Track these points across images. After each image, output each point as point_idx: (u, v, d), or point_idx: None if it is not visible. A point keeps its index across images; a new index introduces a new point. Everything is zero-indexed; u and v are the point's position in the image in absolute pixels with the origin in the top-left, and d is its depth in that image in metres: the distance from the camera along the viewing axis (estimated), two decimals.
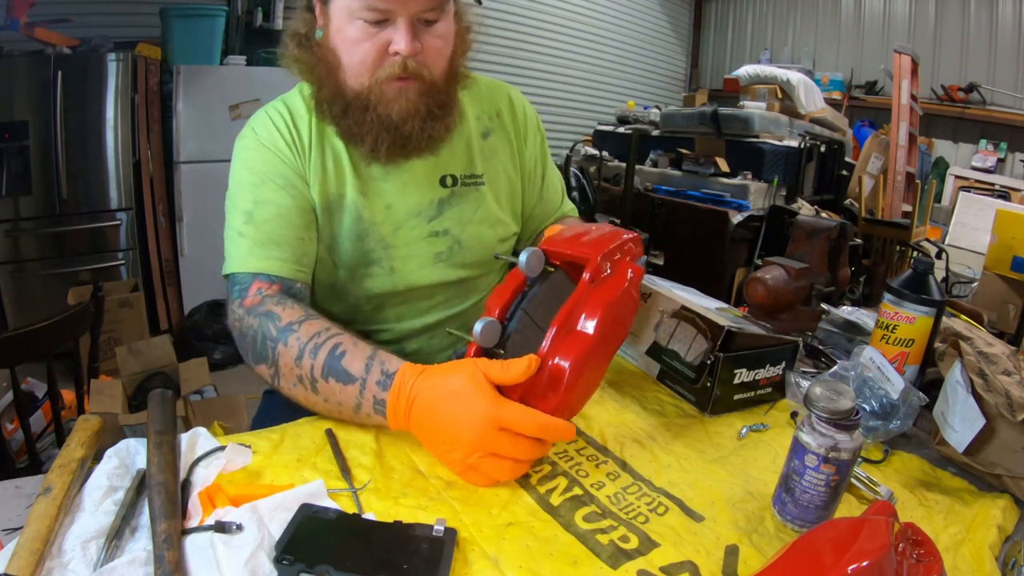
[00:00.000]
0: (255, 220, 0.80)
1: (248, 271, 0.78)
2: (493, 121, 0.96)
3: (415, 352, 0.96)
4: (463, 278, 0.94)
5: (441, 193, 0.90)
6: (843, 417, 0.62)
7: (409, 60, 0.76)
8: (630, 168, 3.07)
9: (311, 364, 0.68)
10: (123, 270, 2.93)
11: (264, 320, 0.73)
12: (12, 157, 2.55)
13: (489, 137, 0.95)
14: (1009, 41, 4.49)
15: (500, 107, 0.97)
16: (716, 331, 0.86)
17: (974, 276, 3.37)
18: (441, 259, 0.91)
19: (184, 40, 2.89)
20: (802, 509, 0.65)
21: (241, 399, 2.00)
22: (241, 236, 0.80)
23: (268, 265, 0.78)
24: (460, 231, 0.91)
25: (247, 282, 0.78)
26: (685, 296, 0.99)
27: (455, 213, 0.90)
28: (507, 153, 0.97)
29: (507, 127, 0.97)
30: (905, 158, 3.89)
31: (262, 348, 0.72)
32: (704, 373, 0.86)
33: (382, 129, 0.79)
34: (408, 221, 0.88)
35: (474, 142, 0.93)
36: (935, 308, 0.88)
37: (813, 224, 1.44)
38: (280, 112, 0.85)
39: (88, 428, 0.63)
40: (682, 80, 6.44)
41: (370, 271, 0.87)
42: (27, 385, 1.78)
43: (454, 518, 0.60)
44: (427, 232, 0.89)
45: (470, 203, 0.92)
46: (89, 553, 0.51)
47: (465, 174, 0.91)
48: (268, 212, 0.80)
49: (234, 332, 0.77)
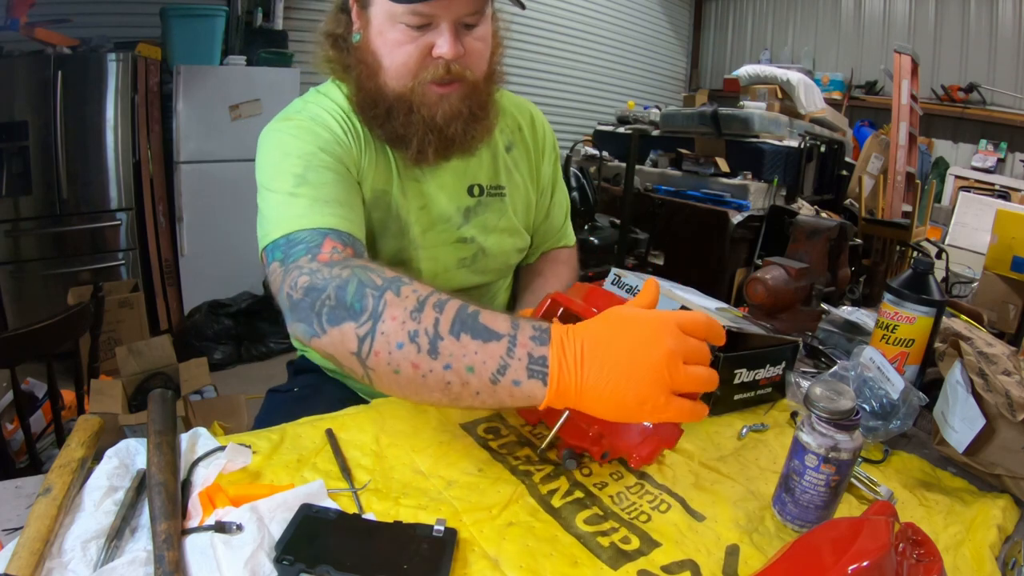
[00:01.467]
0: (310, 182, 0.72)
1: (314, 227, 0.67)
2: (515, 135, 0.97)
3: None
4: (482, 284, 0.96)
5: (469, 202, 0.91)
6: (843, 417, 0.62)
7: (452, 63, 0.76)
8: (630, 168, 3.07)
9: (435, 317, 0.54)
10: (123, 270, 2.93)
11: (360, 270, 0.60)
12: (12, 157, 2.55)
13: (512, 151, 0.97)
14: (1009, 41, 4.49)
15: (521, 123, 0.98)
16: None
17: (974, 276, 3.37)
18: (465, 265, 0.92)
19: (184, 40, 2.89)
20: (802, 509, 0.65)
21: (241, 399, 2.00)
22: (294, 197, 0.70)
23: (338, 222, 0.69)
24: (484, 239, 0.92)
25: (316, 240, 0.66)
26: (685, 296, 0.99)
27: (480, 221, 0.92)
28: (526, 167, 0.98)
29: (527, 142, 0.98)
30: (905, 158, 3.89)
31: (357, 298, 0.57)
32: None
33: (428, 131, 0.79)
34: (438, 225, 0.89)
35: (499, 154, 0.94)
36: (935, 308, 0.88)
37: (813, 224, 1.44)
38: (327, 105, 0.83)
39: (88, 428, 0.63)
40: (682, 80, 6.44)
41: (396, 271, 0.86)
42: (27, 385, 1.78)
43: (454, 518, 0.60)
44: (455, 238, 0.91)
45: (494, 212, 0.93)
46: (89, 553, 0.51)
47: (491, 184, 0.93)
48: (324, 177, 0.74)
49: (295, 292, 0.62)
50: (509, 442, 0.76)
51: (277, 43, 3.25)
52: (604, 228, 3.15)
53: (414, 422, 0.78)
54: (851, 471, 0.65)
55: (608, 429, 0.66)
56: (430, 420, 0.79)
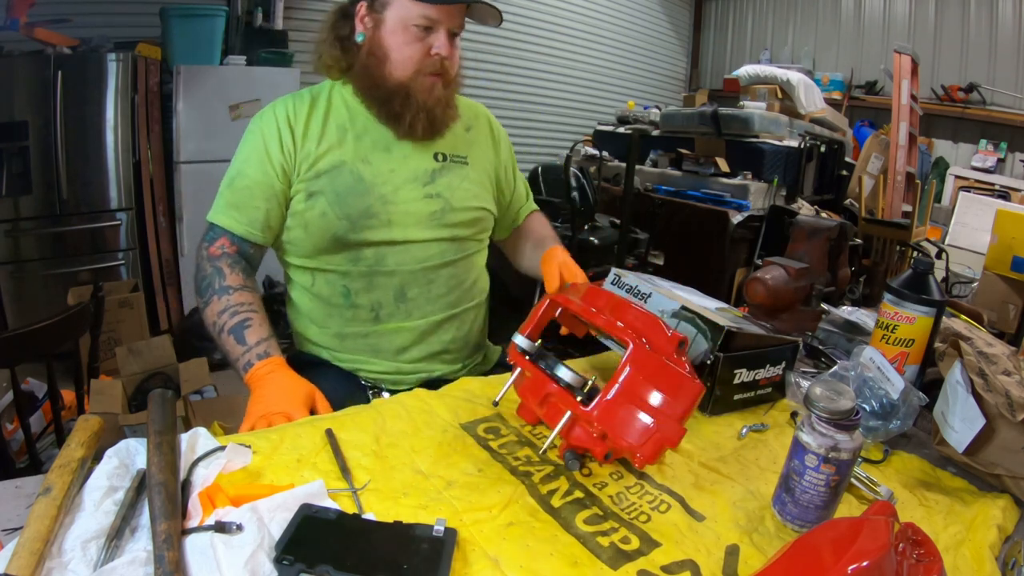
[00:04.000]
0: (234, 186, 1.02)
1: (220, 224, 1.01)
2: (472, 122, 1.18)
3: (415, 297, 1.06)
4: (454, 240, 1.09)
5: (435, 165, 1.08)
6: (843, 417, 0.62)
7: (445, 60, 1.00)
8: (630, 168, 3.07)
9: (225, 321, 0.94)
10: (123, 270, 2.92)
11: (215, 273, 0.98)
12: (12, 157, 2.54)
13: (471, 131, 1.17)
14: (1009, 41, 4.49)
15: (478, 115, 1.21)
16: (716, 331, 0.86)
17: (974, 276, 3.37)
18: (435, 219, 1.06)
19: (184, 40, 2.89)
20: (802, 509, 0.64)
21: (241, 399, 1.99)
22: (229, 189, 1.02)
23: (234, 225, 1.01)
24: (450, 195, 1.08)
25: (217, 235, 1.01)
26: (685, 296, 0.99)
27: (446, 181, 1.08)
28: (486, 146, 1.19)
29: (484, 130, 1.20)
30: (905, 158, 3.89)
31: (205, 289, 0.97)
32: (704, 373, 0.86)
33: (419, 110, 1.01)
34: (407, 184, 1.05)
35: (459, 132, 1.13)
36: (935, 308, 0.88)
37: (813, 224, 1.44)
38: (303, 97, 1.05)
39: (88, 428, 0.63)
40: (682, 80, 6.44)
41: (369, 223, 1.02)
42: (27, 385, 1.78)
43: (454, 518, 0.60)
44: (423, 194, 1.06)
45: (457, 175, 1.10)
46: (89, 553, 0.51)
47: (453, 153, 1.11)
48: (244, 182, 1.02)
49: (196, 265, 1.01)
50: (509, 442, 0.76)
51: (277, 43, 3.25)
52: (604, 228, 3.14)
53: (414, 422, 0.78)
54: (851, 471, 0.65)
55: (611, 428, 0.66)
56: (430, 420, 0.79)
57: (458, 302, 1.10)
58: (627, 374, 0.66)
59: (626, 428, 0.65)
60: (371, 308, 1.05)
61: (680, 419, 0.65)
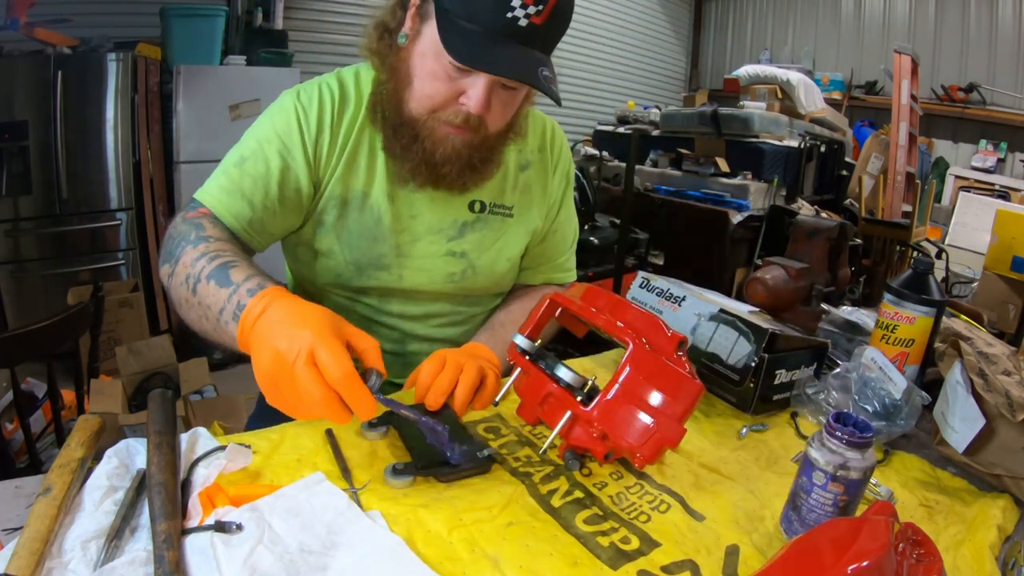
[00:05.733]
0: (244, 169, 0.80)
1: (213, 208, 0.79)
2: (534, 155, 0.95)
3: (416, 352, 0.96)
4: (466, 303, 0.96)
5: (467, 216, 0.90)
6: (854, 433, 0.59)
7: (473, 116, 0.76)
8: (630, 168, 3.07)
9: (203, 267, 0.67)
10: (123, 270, 2.93)
11: (190, 227, 0.74)
12: (12, 157, 2.55)
13: (527, 170, 0.95)
14: (1009, 41, 4.50)
15: (544, 141, 0.97)
16: (760, 334, 0.88)
17: (974, 276, 3.38)
18: (453, 280, 0.92)
19: (184, 40, 2.89)
20: (808, 529, 0.61)
21: (241, 399, 2.00)
22: (225, 174, 0.80)
23: (223, 212, 0.79)
24: (477, 257, 0.91)
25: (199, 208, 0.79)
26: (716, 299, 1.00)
27: (476, 238, 0.91)
28: (540, 188, 0.96)
29: (545, 160, 0.97)
30: (905, 158, 3.89)
31: (174, 247, 0.72)
32: (748, 375, 0.87)
33: (422, 163, 0.80)
34: (428, 235, 0.88)
35: (510, 172, 0.92)
36: (935, 308, 0.88)
37: (813, 224, 1.44)
38: (333, 91, 0.84)
39: (88, 428, 0.63)
40: (682, 80, 6.44)
41: (377, 274, 0.88)
42: (27, 385, 1.78)
43: (454, 518, 0.60)
44: (445, 250, 0.90)
45: (493, 231, 0.92)
46: (89, 553, 0.51)
47: (495, 202, 0.91)
48: (256, 170, 0.80)
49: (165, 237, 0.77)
50: (509, 442, 0.76)
51: (277, 43, 3.25)
52: (604, 228, 3.14)
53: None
54: (862, 492, 0.61)
55: (611, 429, 0.66)
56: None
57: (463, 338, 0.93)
58: (627, 374, 0.66)
59: (626, 428, 0.65)
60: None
61: (680, 419, 0.65)
